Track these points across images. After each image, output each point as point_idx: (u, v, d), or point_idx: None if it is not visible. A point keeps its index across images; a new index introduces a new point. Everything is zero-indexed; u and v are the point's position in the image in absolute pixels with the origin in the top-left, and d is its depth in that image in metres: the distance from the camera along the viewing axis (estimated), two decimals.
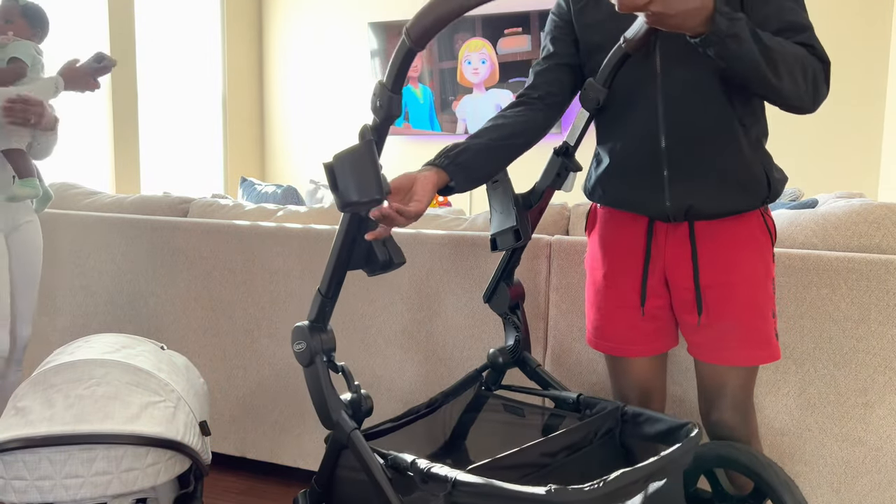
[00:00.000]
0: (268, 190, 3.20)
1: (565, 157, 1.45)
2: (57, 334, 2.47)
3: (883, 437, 1.68)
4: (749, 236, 1.42)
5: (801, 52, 1.26)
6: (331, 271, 1.29)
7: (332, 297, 1.31)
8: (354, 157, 1.13)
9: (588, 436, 1.34)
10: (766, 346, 1.43)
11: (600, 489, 1.03)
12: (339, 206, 1.15)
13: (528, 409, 1.52)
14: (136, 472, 1.42)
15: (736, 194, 1.39)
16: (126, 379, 1.50)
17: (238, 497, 2.25)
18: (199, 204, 2.44)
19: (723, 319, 1.42)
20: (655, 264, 1.46)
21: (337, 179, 1.13)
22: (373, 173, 1.13)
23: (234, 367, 2.29)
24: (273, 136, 5.98)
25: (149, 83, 4.91)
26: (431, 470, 1.12)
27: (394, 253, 1.25)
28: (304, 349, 1.32)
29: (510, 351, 1.55)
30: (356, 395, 1.31)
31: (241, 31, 5.77)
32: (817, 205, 2.00)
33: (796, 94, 1.26)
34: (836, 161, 4.49)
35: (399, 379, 2.10)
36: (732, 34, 1.16)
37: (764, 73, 1.21)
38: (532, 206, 1.47)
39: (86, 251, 2.42)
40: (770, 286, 1.44)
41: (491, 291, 1.55)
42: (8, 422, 1.40)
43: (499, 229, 1.46)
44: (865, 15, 4.36)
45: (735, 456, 1.38)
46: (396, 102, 1.12)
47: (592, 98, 1.39)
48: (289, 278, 2.18)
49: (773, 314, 1.45)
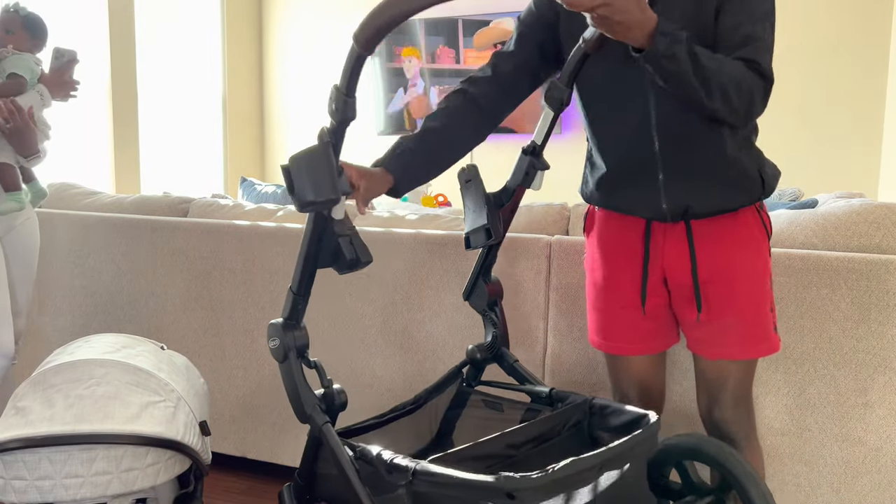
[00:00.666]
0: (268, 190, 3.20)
1: (533, 156, 1.47)
2: (57, 334, 2.47)
3: (883, 437, 1.68)
4: (745, 233, 1.44)
5: (740, 72, 1.27)
6: (300, 269, 1.32)
7: (303, 294, 1.34)
8: (310, 159, 1.17)
9: (556, 427, 1.36)
10: (765, 340, 1.46)
11: (549, 476, 1.05)
12: (297, 206, 1.19)
13: (506, 404, 1.55)
14: (136, 472, 1.42)
15: (730, 192, 1.41)
16: (126, 379, 1.50)
17: (238, 497, 2.25)
18: (199, 204, 2.44)
19: (722, 315, 1.44)
20: (654, 264, 1.48)
21: (293, 180, 1.17)
22: (328, 174, 1.17)
23: (234, 367, 2.29)
24: (273, 136, 5.98)
25: (149, 83, 4.91)
26: (394, 461, 1.16)
27: (360, 251, 1.27)
28: (278, 346, 1.34)
29: (487, 347, 1.57)
30: (329, 390, 1.34)
31: (241, 31, 5.77)
32: (817, 205, 2.00)
33: (727, 112, 1.29)
34: (836, 161, 4.49)
35: (399, 379, 2.10)
36: (669, 55, 1.20)
37: (696, 93, 1.24)
38: (503, 204, 1.49)
39: (86, 251, 2.42)
40: (767, 281, 1.47)
41: (470, 289, 1.58)
42: (8, 422, 1.41)
43: (472, 227, 1.48)
44: (865, 15, 4.36)
45: (702, 447, 1.39)
46: (351, 106, 1.15)
47: (556, 98, 1.41)
48: (289, 278, 2.18)
49: (770, 308, 1.47)
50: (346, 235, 1.26)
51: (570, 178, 2.12)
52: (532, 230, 2.02)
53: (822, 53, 4.44)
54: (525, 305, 1.95)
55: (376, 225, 2.18)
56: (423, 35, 5.30)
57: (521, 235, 1.97)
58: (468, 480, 1.07)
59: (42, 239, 2.21)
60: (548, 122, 1.44)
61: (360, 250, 1.27)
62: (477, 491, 1.06)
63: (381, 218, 2.21)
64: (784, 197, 2.66)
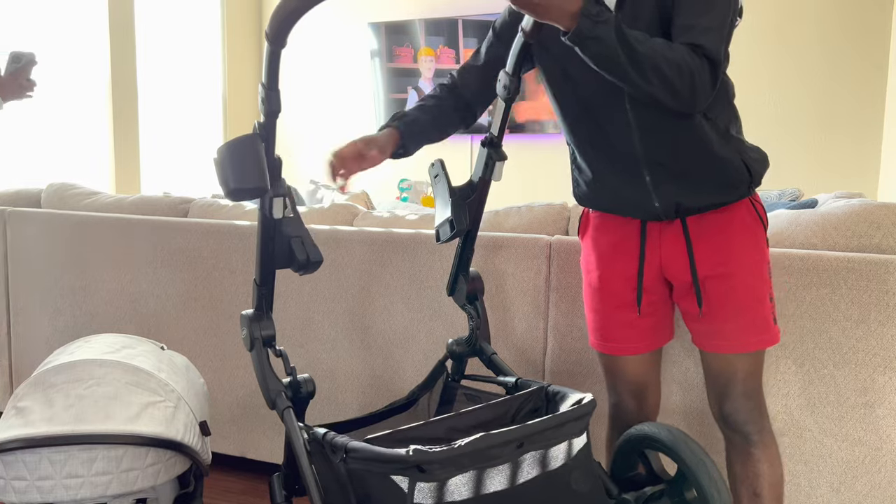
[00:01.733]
0: None
1: (491, 148, 1.48)
2: (57, 334, 2.48)
3: (883, 437, 1.68)
4: (741, 225, 1.45)
5: (679, 54, 1.25)
6: (259, 266, 1.37)
7: (267, 286, 1.39)
8: (237, 146, 1.22)
9: (508, 412, 1.37)
10: (767, 331, 1.47)
11: (458, 449, 1.08)
12: (225, 193, 1.22)
13: (484, 397, 1.57)
14: (136, 472, 1.42)
15: (719, 186, 1.42)
16: (126, 379, 1.50)
17: (238, 497, 2.25)
18: (199, 204, 2.44)
19: (723, 308, 1.45)
20: (651, 262, 1.49)
21: (222, 169, 1.21)
22: (255, 163, 1.22)
23: (234, 367, 2.29)
24: None
25: (149, 84, 4.91)
26: (332, 439, 1.20)
27: (311, 251, 1.30)
28: (247, 336, 1.40)
29: (466, 341, 1.59)
30: (294, 378, 1.39)
31: (241, 31, 5.77)
32: (817, 205, 2.00)
33: (668, 95, 1.26)
34: (836, 161, 4.49)
35: (399, 379, 2.10)
36: (593, 36, 1.19)
37: (628, 75, 1.23)
38: (470, 196, 1.50)
39: (86, 251, 2.42)
40: (765, 271, 1.47)
41: (451, 284, 1.60)
42: (8, 422, 1.40)
43: (439, 221, 1.51)
44: (866, 14, 4.36)
45: (657, 434, 1.40)
46: (275, 98, 1.22)
47: (503, 87, 1.41)
48: (288, 278, 2.18)
49: (770, 298, 1.48)
50: (297, 237, 1.30)
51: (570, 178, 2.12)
52: (532, 230, 2.02)
53: (823, 53, 4.43)
54: (525, 305, 1.95)
55: (376, 225, 2.18)
56: (423, 35, 5.31)
57: (521, 235, 1.97)
58: (383, 454, 1.11)
59: (42, 239, 2.21)
60: (500, 113, 1.46)
61: (310, 251, 1.30)
62: (390, 464, 1.11)
63: (381, 218, 2.21)
64: (784, 197, 2.66)
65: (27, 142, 4.14)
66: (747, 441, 1.49)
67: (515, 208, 2.12)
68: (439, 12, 5.31)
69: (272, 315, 1.41)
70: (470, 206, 1.50)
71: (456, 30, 5.24)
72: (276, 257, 1.33)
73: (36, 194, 2.70)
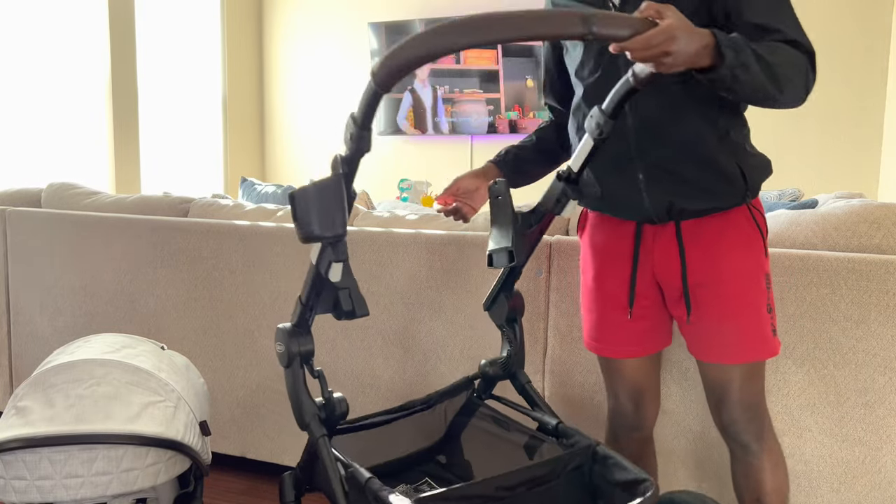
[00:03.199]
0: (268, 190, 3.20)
1: (567, 184, 1.41)
2: (57, 334, 2.48)
3: (883, 437, 1.68)
4: (736, 232, 1.42)
5: (793, 55, 1.25)
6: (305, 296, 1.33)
7: (311, 308, 1.35)
8: (324, 191, 1.16)
9: (555, 471, 1.32)
10: (762, 342, 1.43)
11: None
12: (301, 237, 1.17)
13: (513, 424, 1.52)
14: (136, 472, 1.42)
15: (711, 191, 1.39)
16: (126, 379, 1.50)
17: (238, 497, 2.25)
18: (199, 204, 2.44)
19: (713, 317, 1.42)
20: (644, 265, 1.47)
21: (299, 210, 1.15)
22: (339, 208, 1.16)
23: (234, 367, 2.29)
24: (273, 136, 5.98)
25: (149, 83, 4.91)
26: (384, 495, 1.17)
27: (357, 304, 1.28)
28: (284, 352, 1.36)
29: (501, 365, 1.54)
30: (329, 400, 1.36)
31: (241, 31, 5.77)
32: (817, 205, 2.00)
33: (795, 99, 1.27)
34: (836, 161, 4.49)
35: (399, 379, 2.10)
36: (740, 63, 1.16)
37: (769, 92, 1.21)
38: (532, 226, 1.45)
39: (86, 251, 2.42)
40: (762, 282, 1.44)
41: (491, 301, 1.55)
42: (8, 422, 1.41)
43: (495, 247, 1.44)
44: (865, 15, 4.36)
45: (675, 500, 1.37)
46: (366, 139, 1.15)
47: (596, 127, 1.34)
48: (289, 278, 2.18)
49: (768, 309, 1.44)
50: (346, 288, 1.28)
51: None
52: None
53: (822, 53, 4.43)
54: (525, 305, 1.95)
55: (376, 225, 2.18)
56: None
57: None
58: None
59: (42, 239, 2.21)
60: (587, 151, 1.37)
61: (357, 303, 1.28)
62: None
63: (381, 218, 2.21)
64: (784, 197, 2.66)
65: (27, 142, 4.14)
66: (747, 451, 1.48)
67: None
68: (439, 12, 5.31)
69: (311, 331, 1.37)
70: (529, 236, 1.45)
71: None
72: (321, 302, 1.31)
73: (36, 194, 2.70)
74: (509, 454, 1.49)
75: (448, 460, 1.62)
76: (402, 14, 5.42)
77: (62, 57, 4.29)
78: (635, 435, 1.62)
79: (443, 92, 5.35)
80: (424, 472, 1.61)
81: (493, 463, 1.52)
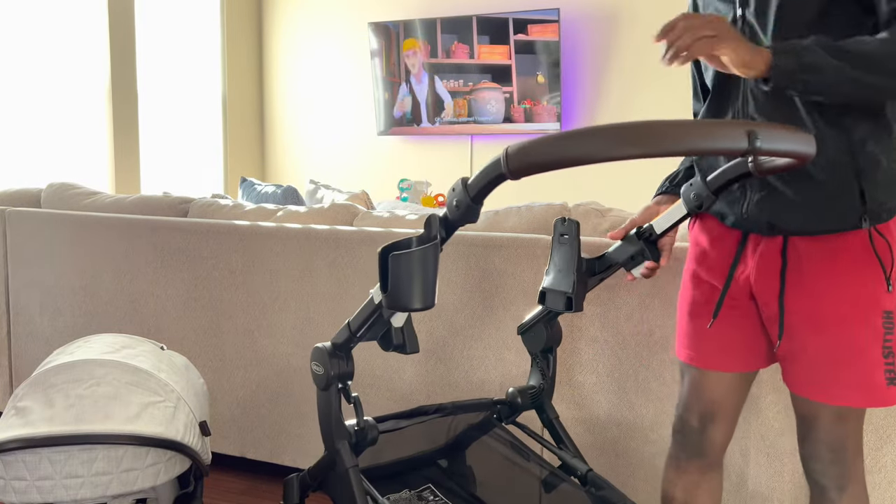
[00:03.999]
0: (268, 190, 3.20)
1: (647, 244, 1.33)
2: (57, 334, 2.48)
3: (883, 438, 1.68)
4: (848, 259, 1.23)
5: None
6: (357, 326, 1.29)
7: (359, 337, 1.31)
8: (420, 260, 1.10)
9: None
10: (867, 389, 1.24)
11: None
12: (388, 304, 1.12)
13: (534, 456, 1.48)
14: (136, 472, 1.42)
15: (817, 208, 1.22)
16: (126, 379, 1.50)
17: (238, 497, 2.25)
18: (199, 204, 2.44)
19: (806, 348, 1.27)
20: (741, 275, 1.33)
21: (399, 279, 1.10)
22: (433, 280, 1.11)
23: (234, 367, 2.29)
24: (273, 136, 5.98)
25: (149, 83, 4.91)
26: None
27: (409, 341, 1.25)
28: (323, 374, 1.32)
29: (531, 395, 1.48)
30: (362, 427, 1.33)
31: (241, 31, 5.77)
32: None
33: None
34: None
35: (398, 379, 2.10)
36: (804, 66, 1.09)
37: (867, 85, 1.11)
38: (594, 275, 1.39)
39: (86, 251, 2.42)
40: (878, 320, 1.23)
41: (527, 327, 1.48)
42: (8, 422, 1.41)
43: (553, 288, 1.38)
44: None
45: None
46: (474, 212, 1.10)
47: (695, 199, 1.25)
48: (289, 278, 2.18)
49: (884, 353, 1.23)
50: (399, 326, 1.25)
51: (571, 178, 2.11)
52: (532, 230, 2.02)
53: None
54: (525, 306, 1.95)
55: (376, 225, 2.18)
56: (440, 32, 5.32)
57: (521, 235, 1.97)
58: None
59: (42, 239, 2.21)
60: (676, 217, 1.30)
61: (408, 339, 1.25)
62: None
63: (381, 218, 2.21)
64: None
65: (27, 142, 4.14)
66: (823, 496, 1.32)
67: (515, 208, 2.11)
68: (439, 12, 5.32)
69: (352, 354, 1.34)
70: (590, 283, 1.40)
71: (470, 27, 5.22)
72: (372, 332, 1.27)
73: (36, 194, 2.70)
74: (523, 482, 1.44)
75: (450, 467, 1.60)
76: (403, 14, 5.43)
77: (62, 57, 4.29)
78: (696, 462, 1.45)
79: (457, 85, 5.34)
80: (427, 476, 1.59)
81: (500, 485, 1.49)
